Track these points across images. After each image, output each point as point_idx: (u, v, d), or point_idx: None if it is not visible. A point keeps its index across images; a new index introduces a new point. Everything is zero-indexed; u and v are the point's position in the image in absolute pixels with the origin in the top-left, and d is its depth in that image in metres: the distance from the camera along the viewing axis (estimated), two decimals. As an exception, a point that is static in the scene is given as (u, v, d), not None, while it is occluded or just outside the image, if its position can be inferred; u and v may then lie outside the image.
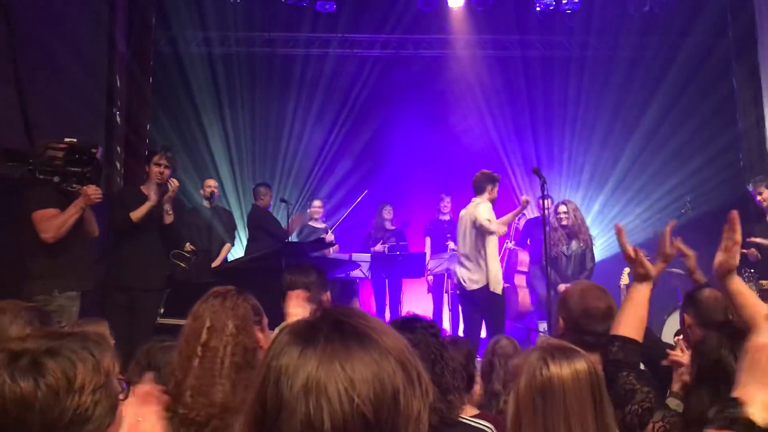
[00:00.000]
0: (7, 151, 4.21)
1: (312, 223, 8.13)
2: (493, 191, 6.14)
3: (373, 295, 8.30)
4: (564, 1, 8.97)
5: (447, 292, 7.90)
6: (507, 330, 6.09)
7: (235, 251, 7.83)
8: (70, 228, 4.33)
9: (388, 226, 8.43)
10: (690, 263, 3.11)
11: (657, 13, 9.08)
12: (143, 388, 1.53)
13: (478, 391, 3.10)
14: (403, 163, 9.39)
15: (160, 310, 5.10)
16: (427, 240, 8.41)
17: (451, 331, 7.43)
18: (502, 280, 6.18)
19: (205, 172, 8.78)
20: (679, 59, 8.99)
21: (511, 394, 1.73)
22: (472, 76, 9.55)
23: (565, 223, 6.67)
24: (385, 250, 8.15)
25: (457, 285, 6.39)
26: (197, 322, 2.15)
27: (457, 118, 9.59)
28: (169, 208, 5.08)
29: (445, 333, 4.48)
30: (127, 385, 1.34)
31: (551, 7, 9.01)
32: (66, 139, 4.20)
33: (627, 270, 6.32)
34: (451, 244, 7.87)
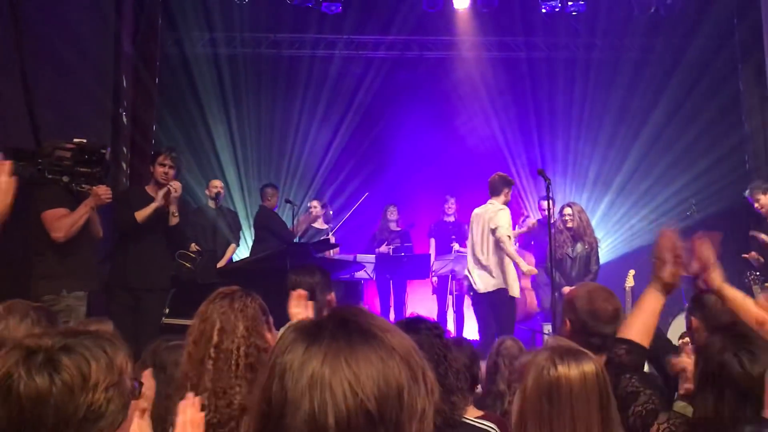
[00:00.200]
0: (16, 151, 4.22)
1: (317, 225, 8.14)
2: (508, 194, 6.31)
3: (377, 296, 8.30)
4: (570, 2, 8.94)
5: (451, 294, 7.89)
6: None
7: (241, 252, 7.85)
8: (80, 228, 4.35)
9: (393, 227, 8.43)
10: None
11: (663, 15, 9.05)
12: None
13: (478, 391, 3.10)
14: (408, 164, 9.40)
15: (165, 310, 5.12)
16: (432, 241, 8.40)
17: (455, 333, 7.42)
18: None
19: (210, 173, 8.79)
20: (684, 61, 8.96)
21: (517, 393, 1.73)
22: (478, 78, 9.54)
23: (570, 225, 6.65)
24: (389, 251, 8.16)
25: (468, 287, 6.39)
26: (206, 323, 2.14)
27: (462, 120, 9.60)
28: (174, 210, 5.08)
29: (449, 334, 4.48)
30: (139, 384, 1.36)
31: (557, 9, 8.98)
32: (75, 140, 4.21)
33: (632, 272, 6.30)
34: (456, 246, 7.87)
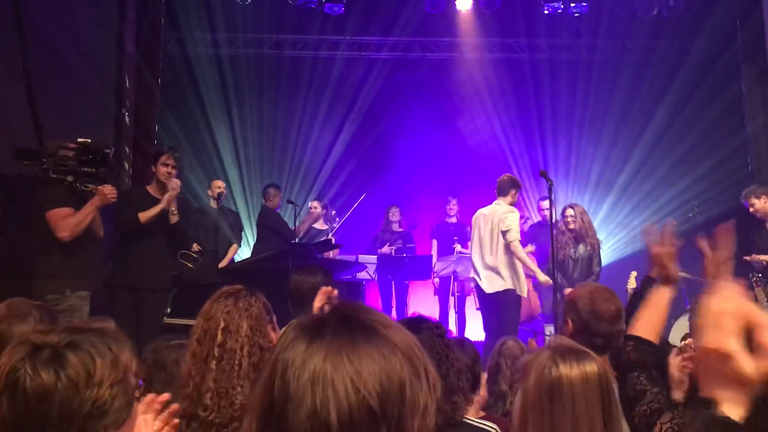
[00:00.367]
0: (20, 150, 4.23)
1: (317, 225, 8.13)
2: (515, 196, 6.36)
3: (379, 297, 8.30)
4: (572, 4, 8.95)
5: (453, 295, 7.89)
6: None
7: (242, 252, 7.85)
8: (86, 227, 4.35)
9: (396, 228, 8.43)
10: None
11: (665, 16, 9.04)
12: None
13: (483, 395, 3.09)
14: (410, 165, 9.40)
15: (167, 309, 5.12)
16: (434, 242, 8.40)
17: (457, 334, 7.41)
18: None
19: (212, 173, 8.80)
20: (687, 63, 8.95)
21: (518, 392, 1.72)
22: (480, 79, 9.55)
23: (572, 226, 6.63)
24: (391, 252, 8.16)
25: (476, 287, 6.38)
26: (210, 322, 2.14)
27: (464, 121, 9.60)
28: (174, 209, 5.07)
29: (450, 335, 4.48)
30: (143, 383, 1.36)
31: (559, 10, 8.99)
32: (79, 139, 4.22)
33: (634, 274, 6.30)
34: (458, 247, 7.87)
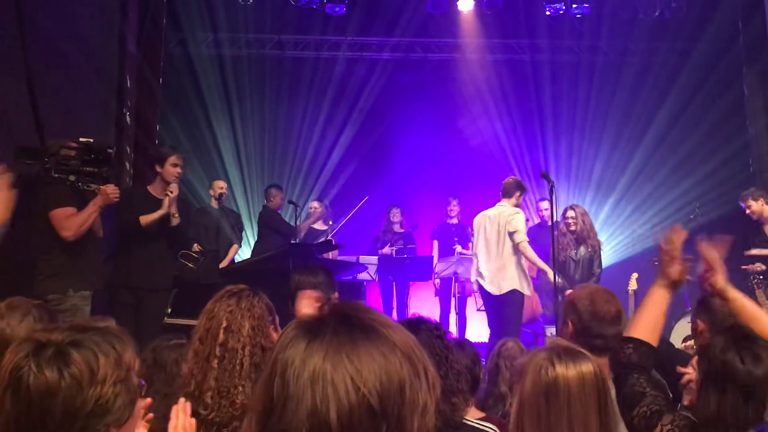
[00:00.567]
0: (22, 150, 4.23)
1: (315, 225, 8.13)
2: (520, 198, 6.41)
3: (380, 297, 8.29)
4: (574, 5, 8.95)
5: (454, 296, 7.89)
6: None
7: (243, 252, 7.85)
8: (89, 227, 4.35)
9: (397, 228, 8.43)
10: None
11: (667, 18, 9.04)
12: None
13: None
14: (411, 165, 9.40)
15: (168, 309, 5.11)
16: (435, 243, 8.40)
17: (458, 335, 7.41)
18: None
19: (213, 173, 8.81)
20: (689, 64, 8.95)
21: (515, 392, 1.73)
22: (481, 80, 9.55)
23: (573, 228, 6.62)
24: (392, 252, 8.15)
25: (480, 289, 6.39)
26: (212, 321, 2.14)
27: (465, 122, 9.60)
28: (174, 211, 5.05)
29: (451, 336, 4.48)
30: (145, 382, 1.37)
31: (561, 12, 8.99)
32: (82, 139, 4.22)
33: (635, 276, 6.29)
34: (459, 248, 7.87)
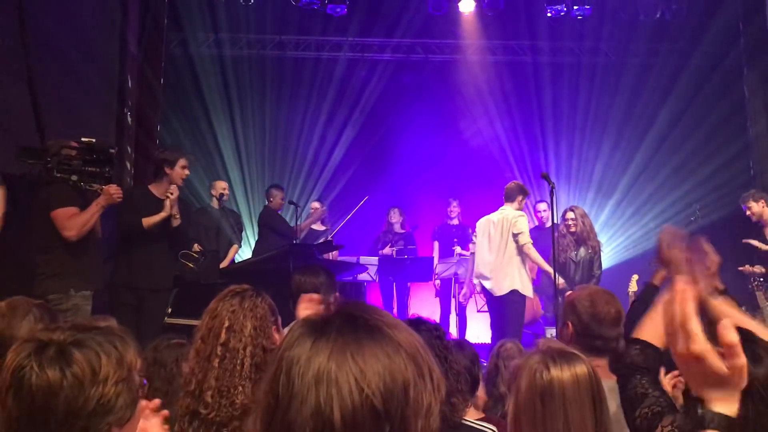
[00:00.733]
0: (24, 149, 4.24)
1: (314, 226, 8.13)
2: (522, 202, 6.42)
3: (380, 298, 8.29)
4: (575, 7, 8.95)
5: (454, 297, 7.89)
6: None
7: (243, 252, 7.86)
8: (92, 227, 4.35)
9: (398, 229, 8.43)
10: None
11: (668, 19, 9.06)
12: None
13: (482, 396, 3.09)
14: (412, 166, 9.40)
15: (168, 309, 5.12)
16: (435, 244, 8.39)
17: (458, 336, 7.41)
18: None
19: (214, 173, 8.82)
20: (690, 66, 8.96)
21: (511, 396, 1.74)
22: (482, 81, 9.56)
23: (573, 229, 6.63)
24: (393, 253, 8.15)
25: (483, 291, 6.40)
26: (214, 321, 2.15)
27: (466, 123, 9.61)
28: (175, 213, 5.05)
29: (450, 337, 4.49)
30: (147, 382, 1.37)
31: (562, 13, 9.00)
32: (83, 139, 4.22)
33: (635, 277, 6.28)
34: (458, 249, 7.87)
